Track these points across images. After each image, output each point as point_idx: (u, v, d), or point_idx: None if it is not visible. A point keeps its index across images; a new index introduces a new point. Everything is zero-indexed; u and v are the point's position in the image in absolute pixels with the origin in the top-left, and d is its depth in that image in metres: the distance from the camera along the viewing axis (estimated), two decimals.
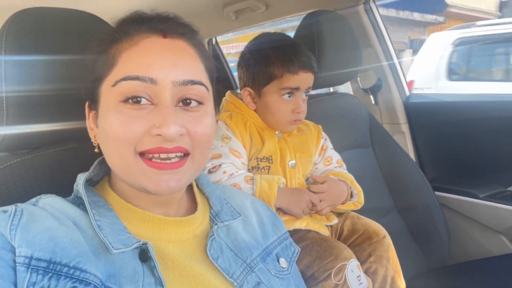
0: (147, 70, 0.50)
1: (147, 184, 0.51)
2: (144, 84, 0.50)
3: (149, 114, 0.50)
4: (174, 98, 0.51)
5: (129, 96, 0.50)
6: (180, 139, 0.50)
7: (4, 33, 0.60)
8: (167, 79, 0.50)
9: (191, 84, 0.52)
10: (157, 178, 0.50)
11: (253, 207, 0.71)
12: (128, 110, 0.50)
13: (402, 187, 1.40)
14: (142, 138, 0.50)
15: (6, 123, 0.60)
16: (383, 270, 0.96)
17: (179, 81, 0.51)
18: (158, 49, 0.52)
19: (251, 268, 0.60)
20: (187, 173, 0.53)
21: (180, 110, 0.52)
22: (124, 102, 0.50)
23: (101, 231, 0.50)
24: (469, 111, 1.52)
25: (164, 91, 0.50)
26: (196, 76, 0.53)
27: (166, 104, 0.50)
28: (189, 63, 0.53)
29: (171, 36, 0.54)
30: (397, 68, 1.64)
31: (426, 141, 1.64)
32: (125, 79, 0.50)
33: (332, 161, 1.09)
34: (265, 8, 1.61)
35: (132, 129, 0.49)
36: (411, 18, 10.39)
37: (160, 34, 0.53)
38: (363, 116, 1.39)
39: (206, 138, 0.54)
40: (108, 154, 0.54)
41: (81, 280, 0.44)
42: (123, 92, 0.50)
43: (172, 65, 0.51)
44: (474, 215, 1.44)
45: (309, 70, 0.95)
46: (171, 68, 0.51)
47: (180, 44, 0.54)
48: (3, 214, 0.47)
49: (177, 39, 0.54)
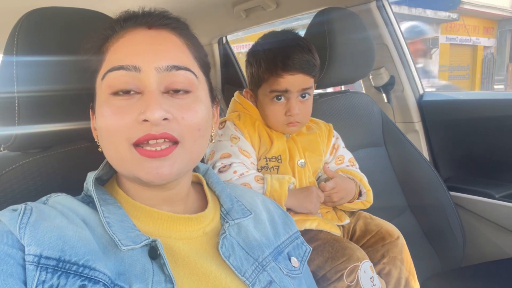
0: (130, 59, 0.51)
1: (139, 172, 0.51)
2: (129, 73, 0.51)
3: (137, 102, 0.51)
4: (161, 85, 0.52)
5: (117, 89, 0.51)
6: (167, 124, 0.50)
7: (16, 33, 0.60)
8: (150, 65, 0.51)
9: (176, 69, 0.52)
10: (148, 165, 0.51)
11: (264, 205, 0.71)
12: (117, 101, 0.51)
13: (416, 186, 1.38)
14: (132, 127, 0.50)
15: (18, 122, 0.61)
16: (397, 272, 0.95)
17: (163, 67, 0.51)
18: (142, 40, 0.53)
19: (263, 266, 0.59)
20: (178, 159, 0.52)
21: (167, 96, 0.52)
22: (114, 95, 0.51)
23: (110, 228, 0.50)
24: (484, 109, 1.49)
25: (149, 78, 0.51)
26: (181, 62, 0.53)
27: (151, 90, 0.51)
28: (173, 50, 0.54)
29: (156, 27, 0.55)
30: (410, 65, 1.61)
31: (440, 140, 1.61)
32: (111, 70, 0.51)
33: (344, 160, 1.08)
34: (276, 6, 1.61)
35: (122, 118, 0.50)
36: (423, 15, 10.26)
37: (145, 26, 0.54)
38: (375, 114, 1.37)
39: (195, 126, 0.53)
40: (104, 148, 0.55)
41: (90, 278, 0.44)
42: (111, 84, 0.51)
43: (155, 52, 0.52)
44: (489, 216, 1.41)
45: (297, 72, 0.91)
46: (154, 55, 0.52)
47: (165, 34, 0.55)
48: (13, 212, 0.48)
49: (162, 29, 0.55)
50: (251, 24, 1.84)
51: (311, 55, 0.93)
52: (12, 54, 0.59)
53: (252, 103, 1.00)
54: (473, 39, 11.79)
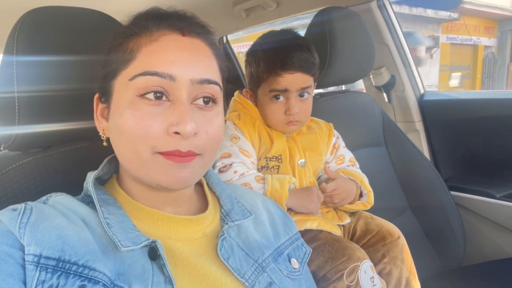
0: (166, 67, 0.50)
1: (162, 178, 0.51)
2: (163, 81, 0.50)
3: (165, 111, 0.50)
4: (190, 96, 0.52)
5: (148, 91, 0.50)
6: (194, 139, 0.51)
7: (16, 33, 0.60)
8: (185, 76, 0.50)
9: (208, 83, 0.52)
10: (172, 170, 0.51)
11: (265, 206, 0.71)
12: (145, 106, 0.50)
13: (417, 186, 1.37)
14: (159, 137, 0.49)
15: (18, 122, 0.61)
16: (397, 272, 0.95)
17: (197, 80, 0.51)
18: (177, 47, 0.52)
19: (263, 268, 0.59)
20: (196, 168, 0.53)
21: (195, 108, 0.52)
22: (141, 97, 0.50)
23: (110, 229, 0.50)
24: (485, 109, 1.48)
25: (182, 89, 0.50)
26: (212, 75, 0.54)
27: (183, 102, 0.50)
28: (206, 62, 0.54)
29: (190, 35, 0.54)
30: (411, 65, 1.61)
31: (441, 140, 1.61)
32: (144, 74, 0.50)
33: (345, 159, 1.08)
34: (276, 5, 1.60)
35: (149, 126, 0.49)
36: (424, 15, 10.25)
37: (179, 32, 0.53)
38: (376, 114, 1.37)
39: (216, 139, 0.54)
40: (122, 151, 0.53)
41: (90, 278, 0.44)
42: (141, 86, 0.50)
43: (190, 63, 0.52)
44: (490, 215, 1.41)
45: (296, 71, 0.91)
46: (189, 66, 0.51)
47: (198, 43, 0.55)
48: (13, 212, 0.48)
49: (195, 38, 0.55)
50: (251, 24, 1.84)
51: (310, 54, 0.93)
52: (12, 53, 0.59)
53: (252, 103, 1.00)
54: (473, 38, 11.79)
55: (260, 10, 1.66)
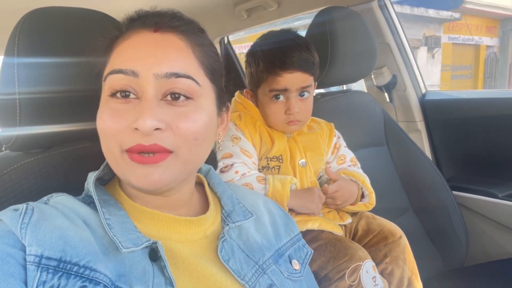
0: (130, 64, 0.50)
1: (131, 178, 0.50)
2: (128, 78, 0.50)
3: (134, 108, 0.50)
4: (159, 92, 0.50)
5: (117, 90, 0.50)
6: (159, 134, 0.49)
7: (17, 34, 0.60)
8: (149, 71, 0.49)
9: (175, 77, 0.50)
10: (139, 172, 0.50)
11: (266, 207, 0.70)
12: (116, 104, 0.50)
13: (418, 186, 1.37)
14: (124, 133, 0.49)
15: (19, 123, 0.61)
16: (399, 271, 0.94)
17: (162, 74, 0.50)
18: (144, 43, 0.52)
19: (263, 270, 0.59)
20: (170, 167, 0.51)
21: (165, 104, 0.50)
22: (112, 97, 0.51)
23: (110, 230, 0.50)
24: (487, 108, 1.48)
25: (146, 84, 0.49)
26: (183, 69, 0.51)
27: (147, 98, 0.49)
28: (175, 56, 0.52)
29: (162, 30, 0.53)
30: (412, 65, 1.61)
31: (443, 139, 1.61)
32: (111, 72, 0.51)
33: (346, 159, 1.07)
34: (277, 6, 1.60)
35: (116, 122, 0.50)
36: (425, 14, 10.24)
37: (151, 29, 0.53)
38: (377, 114, 1.37)
39: (191, 135, 0.51)
40: (102, 149, 0.54)
41: (91, 279, 0.44)
42: (110, 86, 0.51)
43: (155, 58, 0.50)
44: (492, 215, 1.40)
45: (296, 70, 0.90)
46: (154, 61, 0.50)
47: (170, 37, 0.53)
48: (14, 212, 0.48)
49: (168, 33, 0.53)
50: (252, 24, 1.84)
51: (309, 53, 0.93)
52: (13, 54, 0.59)
53: (252, 103, 1.00)
54: (475, 38, 11.77)
55: (261, 10, 1.66)
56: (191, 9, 1.65)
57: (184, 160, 0.52)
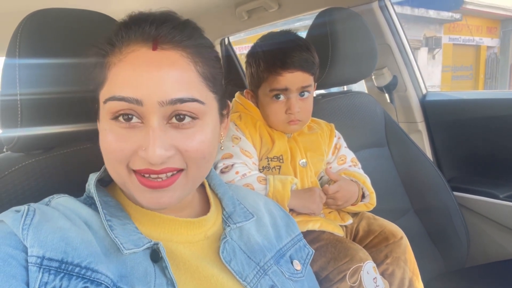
0: (133, 91, 0.47)
1: (140, 200, 0.51)
2: (131, 105, 0.48)
3: (138, 132, 0.49)
4: (164, 117, 0.49)
5: (118, 114, 0.49)
6: (169, 160, 0.49)
7: (18, 35, 0.60)
8: (153, 100, 0.47)
9: (180, 102, 0.48)
10: (148, 195, 0.50)
11: (267, 208, 0.70)
12: (118, 128, 0.49)
13: (419, 187, 1.37)
14: (133, 157, 0.49)
15: (20, 124, 0.61)
16: (400, 272, 0.94)
17: (166, 101, 0.47)
18: (145, 64, 0.48)
19: (265, 271, 0.59)
20: (179, 189, 0.52)
21: (170, 128, 0.49)
22: (114, 120, 0.49)
23: (112, 231, 0.50)
24: (488, 109, 1.48)
25: (151, 112, 0.48)
26: (188, 93, 0.49)
27: (152, 126, 0.48)
28: (179, 78, 0.49)
29: (162, 47, 0.49)
30: (413, 65, 1.61)
31: (444, 140, 1.61)
32: (111, 99, 0.48)
33: (346, 160, 1.08)
34: (278, 7, 1.61)
35: (122, 148, 0.49)
36: (426, 15, 10.24)
37: (150, 45, 0.49)
38: (378, 114, 1.37)
39: (199, 155, 0.51)
40: (107, 168, 0.54)
41: (93, 280, 0.44)
42: (111, 110, 0.49)
43: (158, 83, 0.47)
44: (493, 216, 1.40)
45: (296, 70, 0.91)
46: (157, 86, 0.47)
47: (171, 55, 0.49)
48: (16, 213, 0.48)
49: (168, 50, 0.49)
50: (253, 25, 1.84)
51: (309, 53, 0.93)
52: (15, 56, 0.59)
53: (253, 104, 1.00)
54: (476, 39, 11.76)
55: (262, 11, 1.67)
56: (191, 10, 1.65)
57: (192, 179, 0.53)
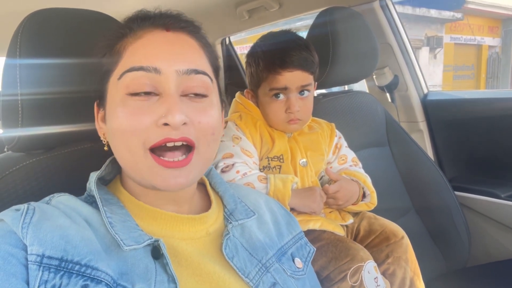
0: (151, 60, 0.51)
1: (155, 180, 0.51)
2: (149, 74, 0.50)
3: (154, 104, 0.51)
4: (179, 88, 0.52)
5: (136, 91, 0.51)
6: (185, 128, 0.50)
7: (19, 35, 0.60)
8: (170, 68, 0.51)
9: (195, 73, 0.53)
10: (165, 174, 0.51)
11: (268, 206, 0.70)
12: (134, 101, 0.51)
13: (420, 186, 1.37)
14: (149, 130, 0.50)
15: (21, 124, 0.61)
16: (401, 272, 0.94)
17: (183, 70, 0.51)
18: (161, 41, 0.53)
19: (267, 268, 0.59)
20: (194, 168, 0.53)
21: (185, 100, 0.52)
22: (131, 95, 0.51)
23: (112, 228, 0.50)
24: (489, 109, 1.48)
25: (168, 81, 0.51)
26: (200, 66, 0.54)
27: (170, 93, 0.51)
28: (191, 54, 0.54)
29: (174, 30, 0.55)
30: (414, 65, 1.61)
31: (445, 140, 1.60)
32: (130, 70, 0.51)
33: (347, 159, 1.07)
34: (278, 6, 1.61)
35: (139, 120, 0.50)
36: (427, 15, 10.22)
37: (163, 28, 0.54)
38: (379, 114, 1.37)
39: (210, 129, 0.54)
40: (116, 149, 0.54)
41: (93, 278, 0.44)
42: (129, 84, 0.51)
43: (175, 55, 0.52)
44: (495, 216, 1.40)
45: (295, 69, 0.91)
46: (174, 58, 0.52)
47: (183, 37, 0.55)
48: (16, 212, 0.48)
49: (180, 32, 0.55)
50: (254, 25, 1.84)
51: (308, 52, 0.94)
52: (15, 56, 0.60)
53: (253, 103, 1.01)
54: (477, 38, 11.74)
55: (263, 11, 1.67)
56: (192, 10, 1.65)
57: (203, 157, 0.54)
